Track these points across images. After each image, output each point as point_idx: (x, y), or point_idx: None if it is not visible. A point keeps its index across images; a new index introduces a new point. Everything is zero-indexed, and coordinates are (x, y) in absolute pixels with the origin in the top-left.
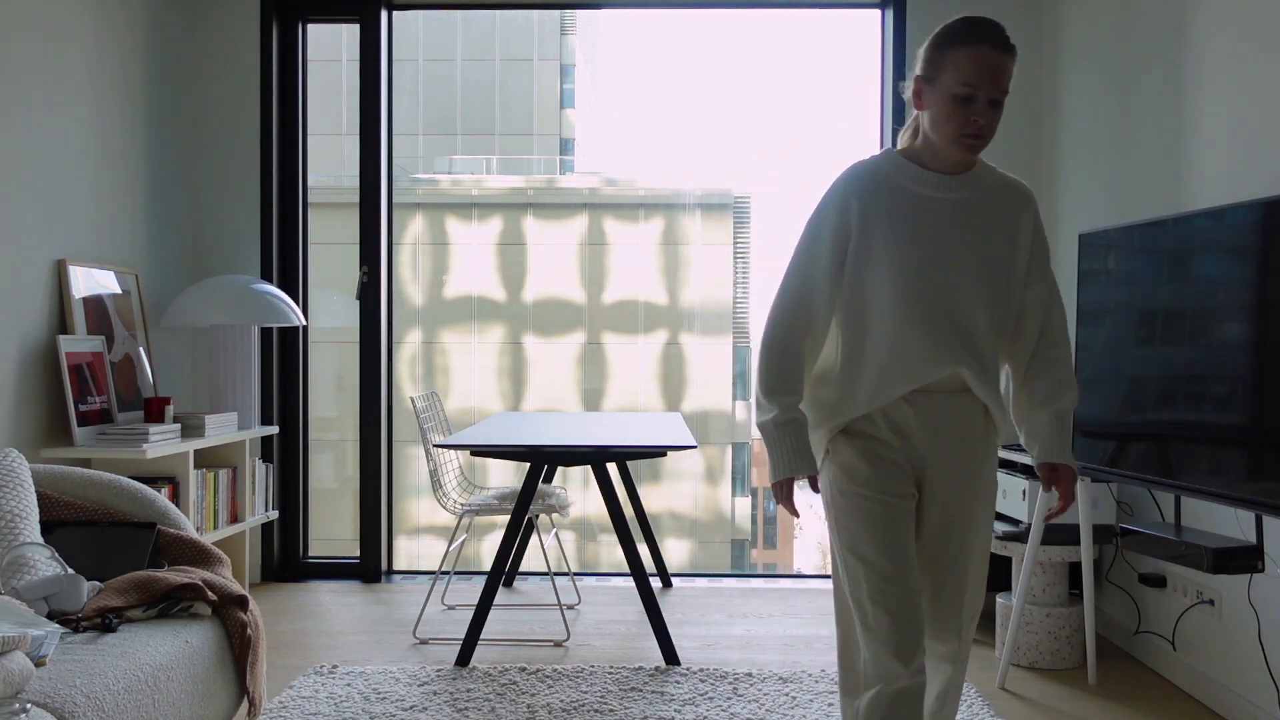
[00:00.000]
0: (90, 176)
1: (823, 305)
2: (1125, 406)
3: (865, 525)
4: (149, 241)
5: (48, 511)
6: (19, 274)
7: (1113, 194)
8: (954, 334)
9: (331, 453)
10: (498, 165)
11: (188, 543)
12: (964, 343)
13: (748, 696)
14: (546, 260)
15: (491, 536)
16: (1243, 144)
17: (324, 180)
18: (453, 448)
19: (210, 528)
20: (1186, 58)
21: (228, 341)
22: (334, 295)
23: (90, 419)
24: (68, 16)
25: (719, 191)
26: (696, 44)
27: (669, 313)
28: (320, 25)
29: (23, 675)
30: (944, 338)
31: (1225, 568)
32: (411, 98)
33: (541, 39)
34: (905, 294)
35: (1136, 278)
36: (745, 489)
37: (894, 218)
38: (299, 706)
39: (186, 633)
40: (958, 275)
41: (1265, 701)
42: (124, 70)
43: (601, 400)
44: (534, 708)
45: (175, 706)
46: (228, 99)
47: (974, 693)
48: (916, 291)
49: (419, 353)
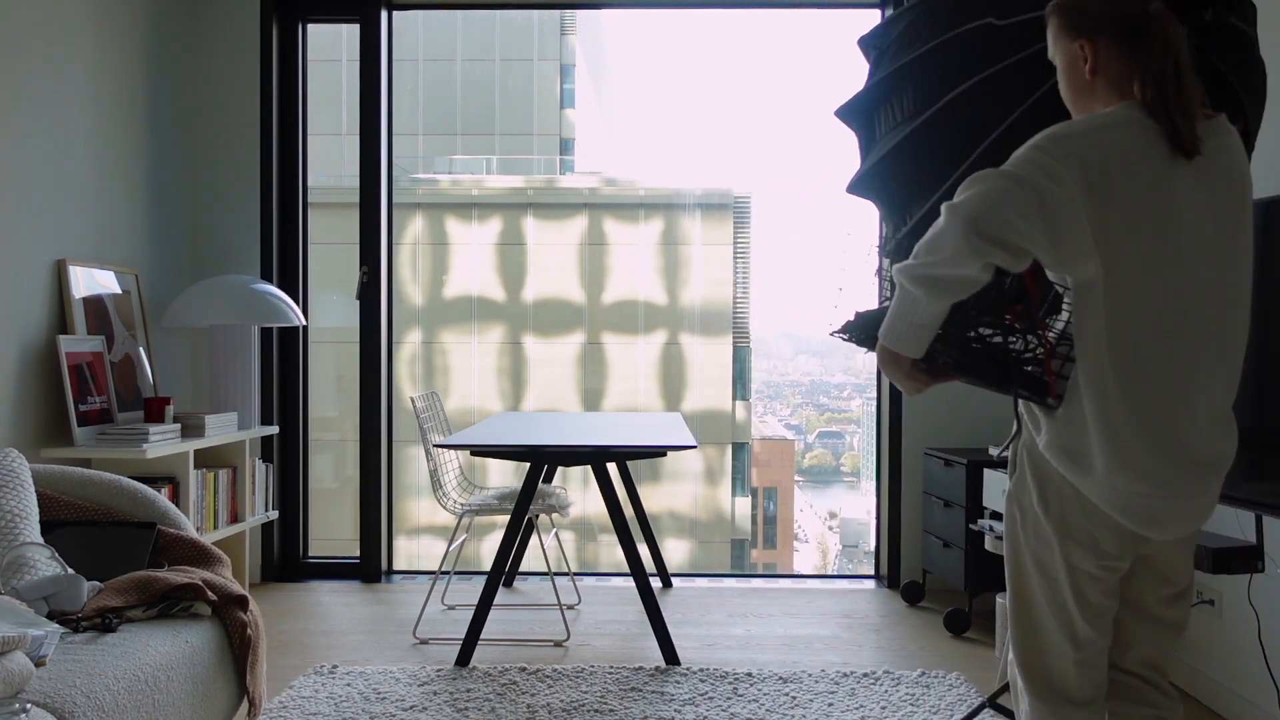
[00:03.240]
0: (90, 176)
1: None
2: None
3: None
4: (149, 241)
5: (48, 511)
6: (19, 274)
7: None
8: None
9: (331, 453)
10: (498, 165)
11: (188, 543)
12: None
13: (748, 696)
14: (546, 260)
15: (491, 536)
16: None
17: (324, 180)
18: (453, 448)
19: (210, 528)
20: None
21: (228, 341)
22: (334, 295)
23: (90, 419)
24: (68, 17)
25: (719, 191)
26: (697, 44)
27: (669, 313)
28: (320, 25)
29: (23, 675)
30: None
31: (1225, 568)
32: (411, 98)
33: (541, 39)
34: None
35: None
36: (745, 489)
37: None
38: (299, 706)
39: (186, 633)
40: None
41: (1265, 701)
42: (124, 70)
43: (601, 400)
44: (534, 708)
45: (175, 706)
46: (228, 99)
47: (974, 692)
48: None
49: (419, 353)
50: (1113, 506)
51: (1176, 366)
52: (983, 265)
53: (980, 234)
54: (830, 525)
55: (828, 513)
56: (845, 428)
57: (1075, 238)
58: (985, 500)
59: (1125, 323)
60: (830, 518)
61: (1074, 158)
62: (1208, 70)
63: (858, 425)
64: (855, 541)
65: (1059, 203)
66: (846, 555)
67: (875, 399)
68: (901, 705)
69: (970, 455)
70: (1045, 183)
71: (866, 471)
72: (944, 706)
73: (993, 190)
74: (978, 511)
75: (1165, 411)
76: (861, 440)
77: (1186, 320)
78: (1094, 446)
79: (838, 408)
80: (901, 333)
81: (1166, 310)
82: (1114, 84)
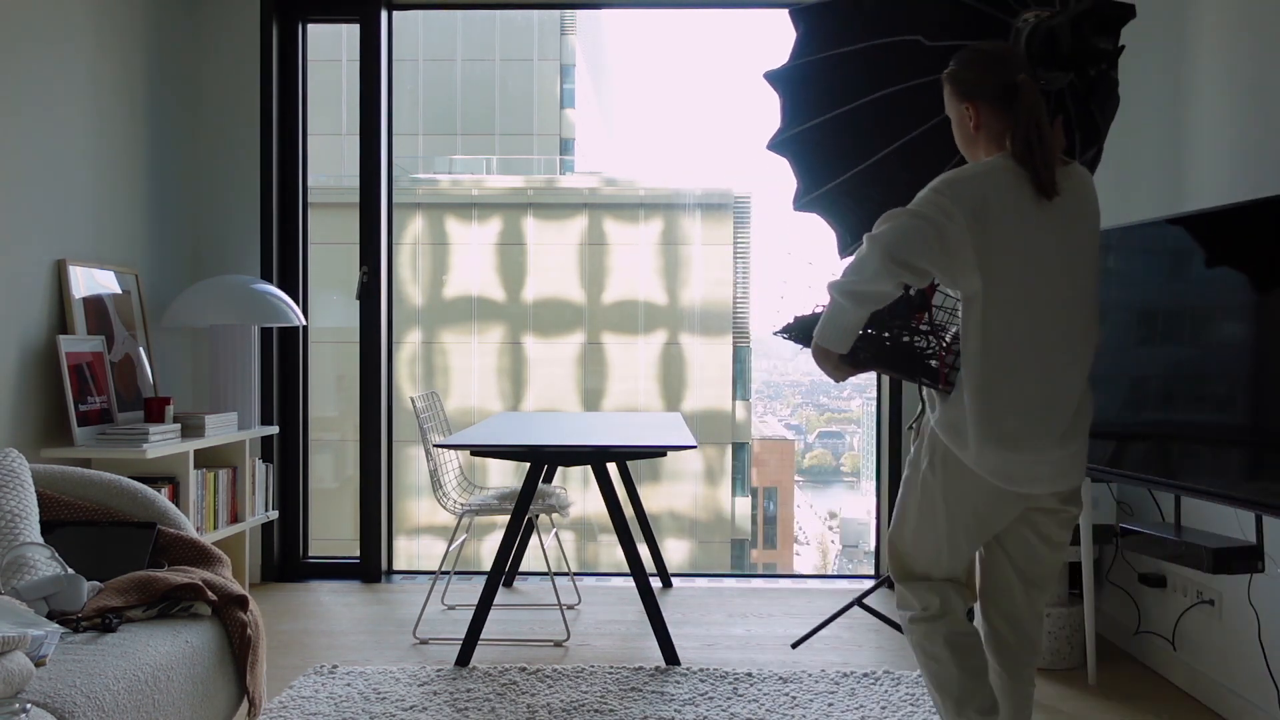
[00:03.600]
0: (90, 176)
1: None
2: (1125, 406)
3: None
4: (149, 241)
5: (48, 511)
6: (19, 274)
7: (1113, 194)
8: None
9: (331, 453)
10: (497, 165)
11: (188, 543)
12: None
13: (748, 696)
14: (546, 260)
15: (491, 536)
16: (1243, 144)
17: (324, 180)
18: (453, 448)
19: (210, 528)
20: (1186, 57)
21: (228, 341)
22: (334, 295)
23: (90, 419)
24: (68, 17)
25: (719, 191)
26: (697, 44)
27: (669, 313)
28: (320, 25)
29: (23, 675)
30: None
31: (1225, 568)
32: (411, 98)
33: (541, 39)
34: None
35: (1136, 277)
36: (745, 489)
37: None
38: (299, 706)
39: (186, 633)
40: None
41: (1265, 701)
42: (124, 70)
43: (601, 400)
44: (534, 708)
45: (175, 706)
46: (228, 99)
47: None
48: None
49: (419, 353)
50: (984, 470)
51: (1039, 363)
52: (895, 283)
53: (894, 259)
54: (830, 525)
55: (828, 513)
56: (845, 428)
57: (963, 261)
58: None
59: (999, 329)
60: (830, 518)
61: (962, 199)
62: (1086, 115)
63: (858, 425)
64: (855, 541)
65: (951, 234)
66: (846, 555)
67: (875, 399)
68: (901, 705)
69: None
70: (942, 219)
71: (866, 471)
72: None
73: (903, 225)
74: None
75: (1031, 399)
76: (861, 440)
77: (1047, 327)
78: (969, 425)
79: (838, 408)
80: (831, 334)
81: (1032, 319)
82: (993, 138)
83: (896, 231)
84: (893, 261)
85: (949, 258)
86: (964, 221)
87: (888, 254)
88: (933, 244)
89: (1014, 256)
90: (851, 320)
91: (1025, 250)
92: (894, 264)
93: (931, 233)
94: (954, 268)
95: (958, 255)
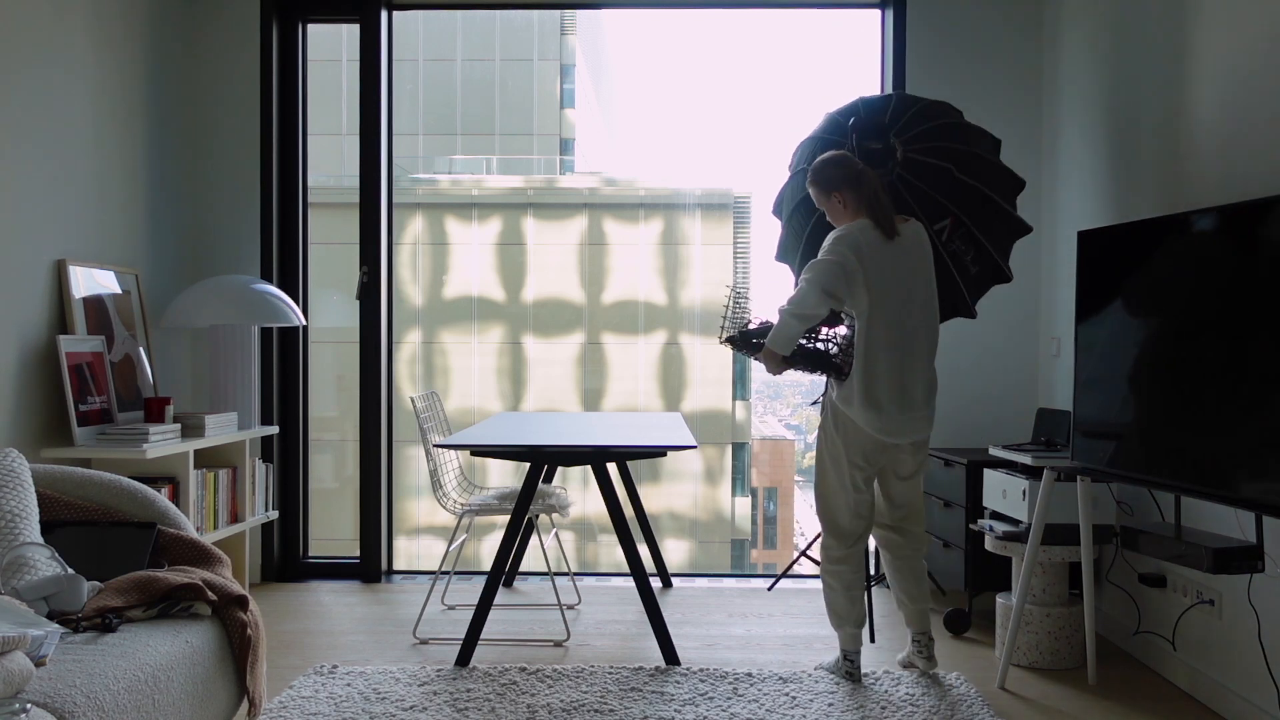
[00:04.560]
0: (90, 176)
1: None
2: (1125, 406)
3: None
4: (149, 241)
5: (48, 511)
6: (19, 274)
7: (1112, 192)
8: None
9: (331, 453)
10: (498, 165)
11: (188, 543)
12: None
13: (748, 696)
14: (546, 260)
15: (491, 536)
16: (1243, 144)
17: (324, 180)
18: (453, 448)
19: (210, 528)
20: (1186, 57)
21: (228, 341)
22: (334, 295)
23: (90, 419)
24: (68, 18)
25: (719, 191)
26: (696, 44)
27: (669, 313)
28: (320, 25)
29: (23, 675)
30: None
31: (1225, 568)
32: (411, 98)
33: (541, 39)
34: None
35: (1136, 276)
36: (745, 489)
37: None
38: (299, 706)
39: (186, 633)
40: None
41: (1265, 701)
42: (124, 71)
43: (601, 400)
44: (534, 708)
45: (175, 706)
46: (228, 99)
47: (974, 693)
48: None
49: (419, 353)
50: (867, 426)
51: (901, 358)
52: (826, 307)
53: (824, 290)
54: None
55: None
56: None
57: (858, 288)
58: (985, 500)
59: (876, 334)
60: None
61: (851, 247)
62: (914, 187)
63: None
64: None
65: (851, 270)
66: None
67: None
68: (901, 705)
69: (970, 455)
70: (845, 261)
71: None
72: (944, 707)
73: (825, 267)
74: (978, 511)
75: (896, 382)
76: None
77: (904, 329)
78: (855, 398)
79: None
80: (781, 341)
81: (897, 325)
82: (854, 209)
83: (823, 271)
84: (823, 292)
85: (852, 286)
86: (855, 261)
87: (820, 287)
88: (842, 278)
89: (884, 281)
90: (795, 332)
91: (889, 276)
92: (824, 294)
93: (840, 270)
94: (855, 292)
95: (855, 283)
